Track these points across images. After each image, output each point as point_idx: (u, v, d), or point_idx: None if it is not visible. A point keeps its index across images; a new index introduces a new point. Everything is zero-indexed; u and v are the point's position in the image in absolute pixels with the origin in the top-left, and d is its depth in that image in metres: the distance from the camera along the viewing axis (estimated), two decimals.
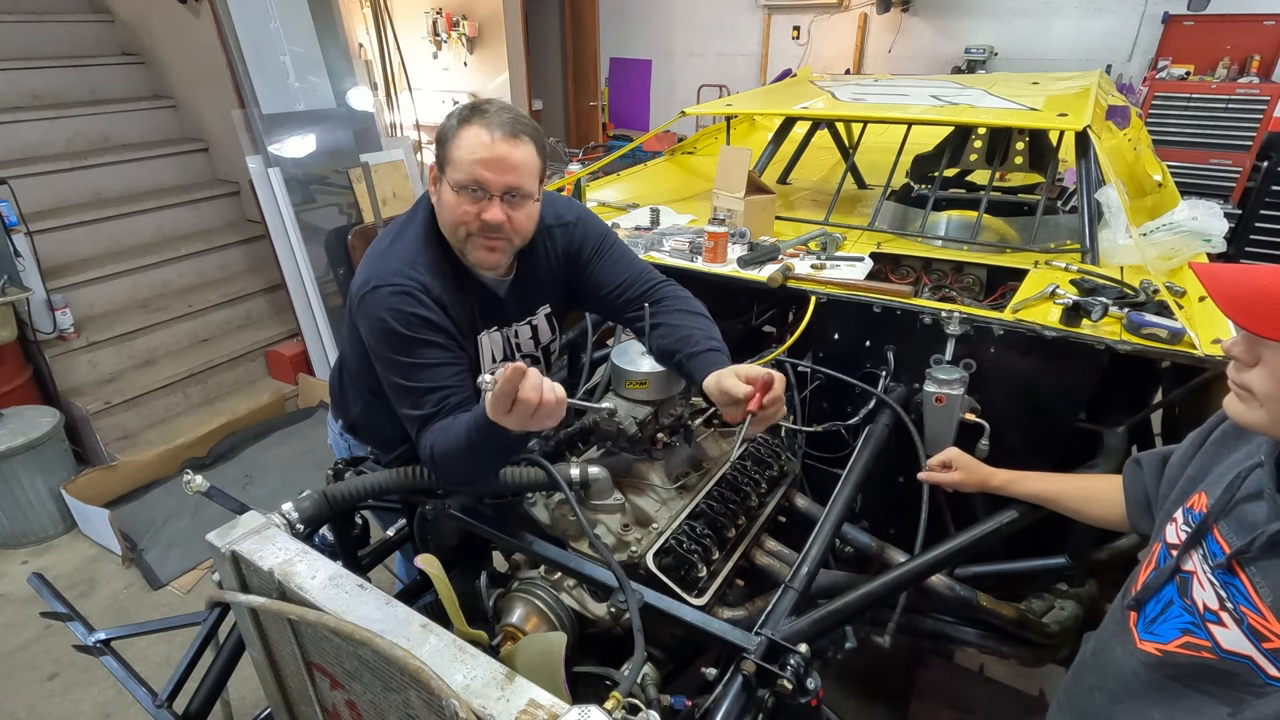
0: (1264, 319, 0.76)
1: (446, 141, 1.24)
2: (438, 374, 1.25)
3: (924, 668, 2.35)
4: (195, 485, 1.39)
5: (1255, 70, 4.88)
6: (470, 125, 1.21)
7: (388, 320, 1.23)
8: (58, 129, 3.96)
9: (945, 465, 1.41)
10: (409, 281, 1.25)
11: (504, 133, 1.20)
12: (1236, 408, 0.84)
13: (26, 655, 2.52)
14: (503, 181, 1.22)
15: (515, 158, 1.22)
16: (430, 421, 1.24)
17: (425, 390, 1.24)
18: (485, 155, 1.20)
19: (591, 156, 5.25)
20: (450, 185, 1.24)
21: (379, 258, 1.31)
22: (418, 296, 1.24)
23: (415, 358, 1.24)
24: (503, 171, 1.21)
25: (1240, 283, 0.79)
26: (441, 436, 1.21)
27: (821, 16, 6.48)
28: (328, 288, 4.00)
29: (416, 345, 1.24)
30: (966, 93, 2.58)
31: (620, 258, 1.49)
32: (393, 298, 1.24)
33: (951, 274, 2.11)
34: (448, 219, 1.27)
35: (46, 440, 2.98)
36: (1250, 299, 0.77)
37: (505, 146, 1.20)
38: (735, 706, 0.99)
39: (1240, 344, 0.81)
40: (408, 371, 1.24)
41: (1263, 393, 0.79)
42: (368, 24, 5.23)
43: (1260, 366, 0.79)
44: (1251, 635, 0.81)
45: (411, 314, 1.23)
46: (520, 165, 1.22)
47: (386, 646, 0.88)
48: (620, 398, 1.46)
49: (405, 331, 1.23)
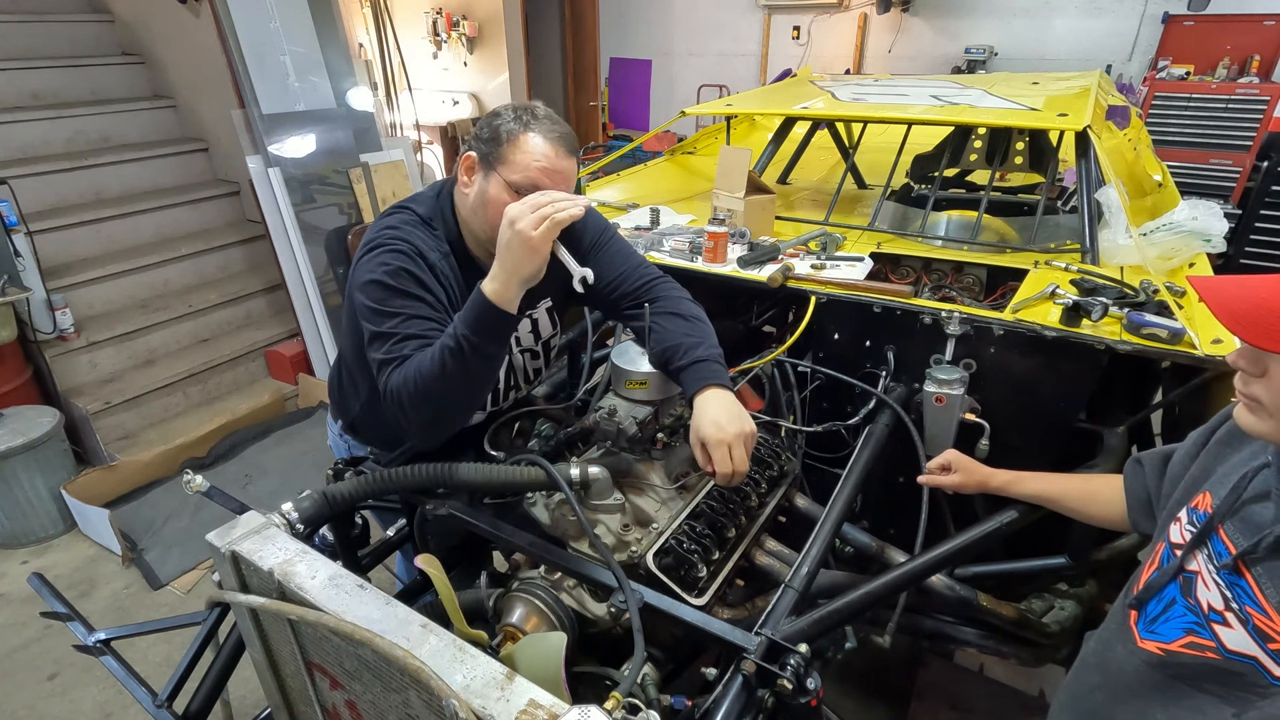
0: (1266, 332, 0.75)
1: (502, 141, 1.28)
2: (417, 324, 1.25)
3: (924, 668, 2.35)
4: (195, 485, 1.39)
5: (1255, 70, 4.88)
6: (532, 132, 1.28)
7: (377, 273, 1.26)
8: (58, 129, 3.96)
9: (944, 467, 1.41)
10: (404, 244, 1.29)
11: (564, 147, 1.31)
12: (1247, 419, 0.83)
13: (26, 655, 2.52)
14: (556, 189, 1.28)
15: (569, 171, 1.32)
16: (393, 362, 1.23)
17: (402, 337, 1.24)
18: (548, 165, 1.28)
19: (591, 156, 5.24)
20: (506, 183, 1.27)
21: (383, 224, 1.35)
22: (410, 255, 1.28)
23: (396, 308, 1.25)
24: (558, 182, 1.29)
25: (1240, 297, 0.78)
26: (411, 362, 1.20)
27: (821, 16, 6.48)
28: (328, 288, 4.00)
29: (401, 296, 1.25)
30: (966, 93, 2.58)
31: (618, 252, 1.50)
32: (387, 254, 1.27)
33: (951, 274, 2.11)
34: (490, 214, 1.29)
35: (46, 440, 2.98)
36: (1251, 313, 0.77)
37: (564, 161, 1.30)
38: (735, 706, 0.99)
39: (1246, 356, 0.80)
40: (386, 320, 1.25)
41: (1272, 404, 0.79)
42: (368, 24, 5.23)
43: (1268, 378, 0.79)
44: (1257, 636, 0.81)
45: (402, 269, 1.26)
46: (570, 178, 1.33)
47: (386, 646, 0.88)
48: (620, 398, 1.46)
49: (392, 283, 1.25)
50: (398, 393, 1.21)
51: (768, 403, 1.81)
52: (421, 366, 1.19)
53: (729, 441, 1.22)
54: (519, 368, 1.56)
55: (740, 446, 1.23)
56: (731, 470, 1.23)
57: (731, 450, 1.22)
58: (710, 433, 1.23)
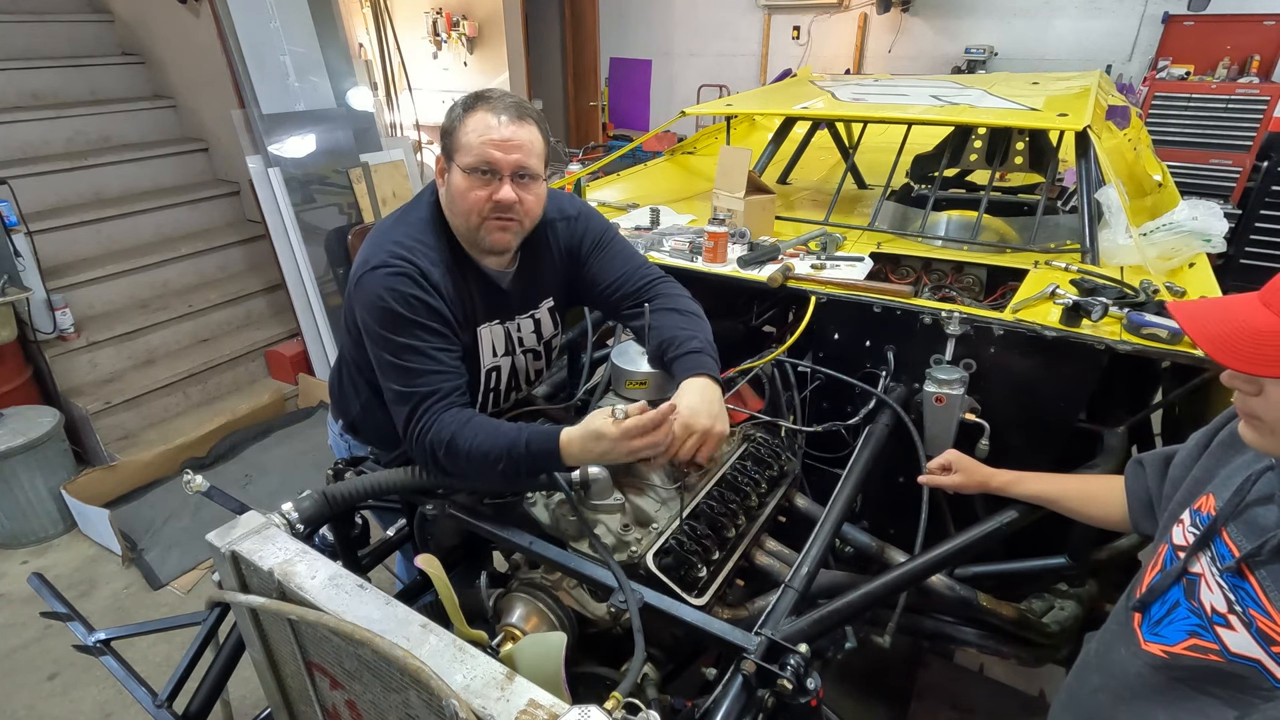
0: (1249, 357, 0.75)
1: (453, 130, 1.27)
2: (432, 358, 1.26)
3: (924, 668, 2.35)
4: (195, 485, 1.39)
5: (1255, 70, 4.88)
6: (476, 111, 1.26)
7: (385, 299, 1.25)
8: (58, 129, 3.96)
9: (945, 468, 1.41)
10: (407, 264, 1.27)
11: (510, 115, 1.26)
12: (1249, 435, 0.83)
13: (26, 655, 2.52)
14: (511, 160, 1.26)
15: (522, 137, 1.26)
16: (424, 401, 1.24)
17: (419, 371, 1.25)
18: (494, 136, 1.24)
19: (591, 156, 5.24)
20: (461, 169, 1.26)
21: (379, 239, 1.33)
22: (415, 279, 1.27)
23: (410, 339, 1.25)
24: (510, 150, 1.25)
25: (1218, 320, 0.79)
26: (468, 432, 1.22)
27: (821, 16, 6.48)
28: (328, 288, 4.00)
29: (412, 326, 1.25)
30: (966, 93, 2.58)
31: (619, 253, 1.50)
32: (390, 278, 1.26)
33: (951, 274, 2.11)
34: (460, 206, 1.29)
35: (46, 440, 2.98)
36: (1230, 336, 0.77)
37: (512, 128, 1.25)
38: (735, 706, 0.99)
39: (1239, 375, 0.80)
40: (401, 351, 1.25)
41: (1271, 421, 0.79)
42: (368, 24, 5.23)
43: (1264, 396, 0.78)
44: (1260, 639, 0.81)
45: (409, 295, 1.25)
46: (527, 145, 1.27)
47: (386, 646, 0.88)
48: (620, 398, 1.46)
49: (402, 311, 1.25)
50: (434, 446, 1.23)
51: (768, 403, 1.80)
52: (481, 445, 1.21)
53: (697, 432, 1.24)
54: (520, 368, 1.56)
55: (707, 443, 1.26)
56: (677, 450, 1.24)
57: (690, 441, 1.24)
58: (684, 416, 1.24)
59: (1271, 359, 0.74)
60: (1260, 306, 0.77)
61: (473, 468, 1.23)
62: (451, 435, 1.22)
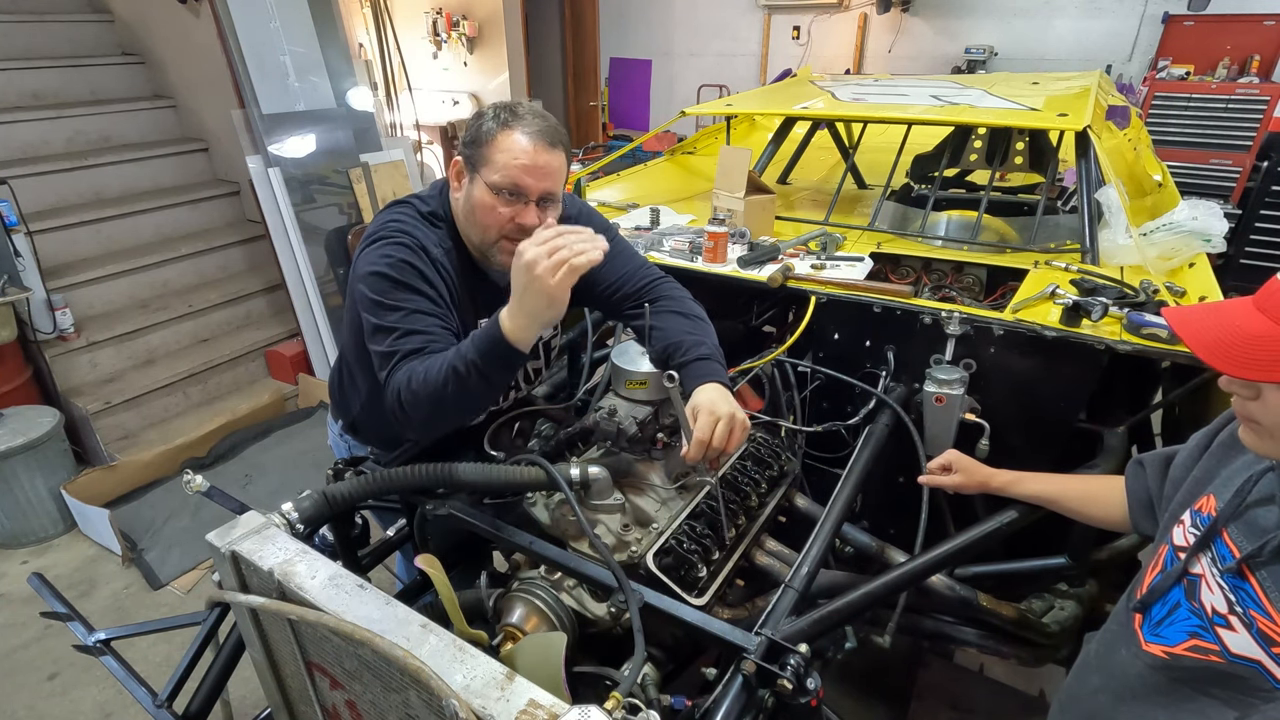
0: (1244, 362, 0.75)
1: (483, 142, 1.26)
2: (419, 320, 1.24)
3: (924, 668, 2.35)
4: (195, 485, 1.39)
5: (1255, 70, 4.88)
6: (510, 130, 1.25)
7: (379, 265, 1.24)
8: (58, 129, 3.96)
9: (945, 468, 1.41)
10: (408, 237, 1.27)
11: (544, 142, 1.25)
12: (1249, 439, 0.84)
13: (26, 655, 2.52)
14: (541, 188, 1.26)
15: (553, 165, 1.27)
16: (396, 357, 1.21)
17: (404, 332, 1.22)
18: (526, 162, 1.24)
19: (591, 156, 5.24)
20: (487, 185, 1.26)
21: (386, 217, 1.34)
22: (415, 250, 1.27)
23: (400, 302, 1.24)
24: (541, 178, 1.26)
25: (1213, 326, 0.79)
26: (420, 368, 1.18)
27: (821, 16, 6.48)
28: (328, 288, 4.00)
29: (403, 289, 1.24)
30: (966, 93, 2.58)
31: (619, 253, 1.49)
32: (390, 247, 1.26)
33: (951, 274, 2.11)
34: (479, 219, 1.29)
35: (46, 440, 2.98)
36: (1225, 342, 0.77)
37: (545, 155, 1.25)
38: (735, 706, 0.99)
39: (1236, 380, 0.80)
40: (389, 313, 1.23)
41: (1270, 425, 0.79)
42: (368, 24, 5.23)
43: (1262, 400, 0.78)
44: (1261, 640, 0.81)
45: (405, 262, 1.25)
46: (556, 172, 1.28)
47: (386, 646, 0.88)
48: (620, 398, 1.46)
49: (395, 275, 1.24)
50: (397, 391, 1.20)
51: (768, 403, 1.80)
52: (428, 374, 1.16)
53: (721, 417, 1.22)
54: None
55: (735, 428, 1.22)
56: (710, 439, 1.20)
57: (719, 426, 1.21)
58: (704, 404, 1.23)
59: (1266, 364, 0.74)
60: (1254, 311, 0.77)
61: (430, 399, 1.16)
62: (408, 377, 1.18)
